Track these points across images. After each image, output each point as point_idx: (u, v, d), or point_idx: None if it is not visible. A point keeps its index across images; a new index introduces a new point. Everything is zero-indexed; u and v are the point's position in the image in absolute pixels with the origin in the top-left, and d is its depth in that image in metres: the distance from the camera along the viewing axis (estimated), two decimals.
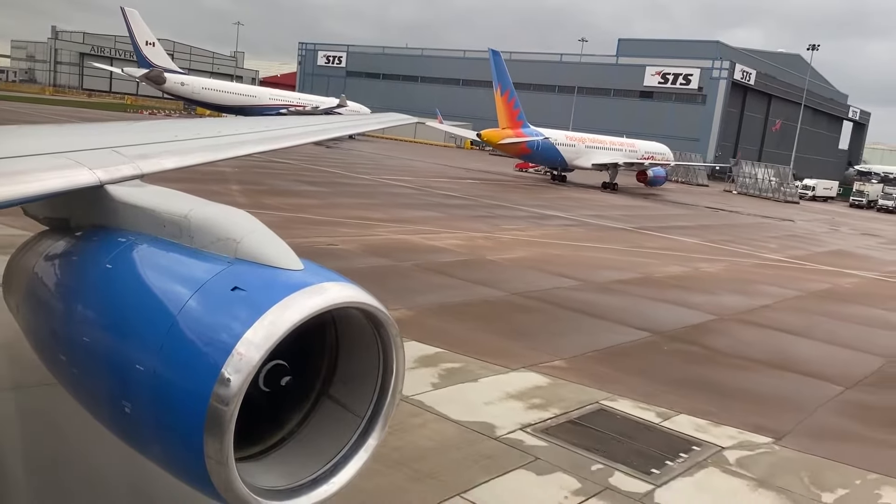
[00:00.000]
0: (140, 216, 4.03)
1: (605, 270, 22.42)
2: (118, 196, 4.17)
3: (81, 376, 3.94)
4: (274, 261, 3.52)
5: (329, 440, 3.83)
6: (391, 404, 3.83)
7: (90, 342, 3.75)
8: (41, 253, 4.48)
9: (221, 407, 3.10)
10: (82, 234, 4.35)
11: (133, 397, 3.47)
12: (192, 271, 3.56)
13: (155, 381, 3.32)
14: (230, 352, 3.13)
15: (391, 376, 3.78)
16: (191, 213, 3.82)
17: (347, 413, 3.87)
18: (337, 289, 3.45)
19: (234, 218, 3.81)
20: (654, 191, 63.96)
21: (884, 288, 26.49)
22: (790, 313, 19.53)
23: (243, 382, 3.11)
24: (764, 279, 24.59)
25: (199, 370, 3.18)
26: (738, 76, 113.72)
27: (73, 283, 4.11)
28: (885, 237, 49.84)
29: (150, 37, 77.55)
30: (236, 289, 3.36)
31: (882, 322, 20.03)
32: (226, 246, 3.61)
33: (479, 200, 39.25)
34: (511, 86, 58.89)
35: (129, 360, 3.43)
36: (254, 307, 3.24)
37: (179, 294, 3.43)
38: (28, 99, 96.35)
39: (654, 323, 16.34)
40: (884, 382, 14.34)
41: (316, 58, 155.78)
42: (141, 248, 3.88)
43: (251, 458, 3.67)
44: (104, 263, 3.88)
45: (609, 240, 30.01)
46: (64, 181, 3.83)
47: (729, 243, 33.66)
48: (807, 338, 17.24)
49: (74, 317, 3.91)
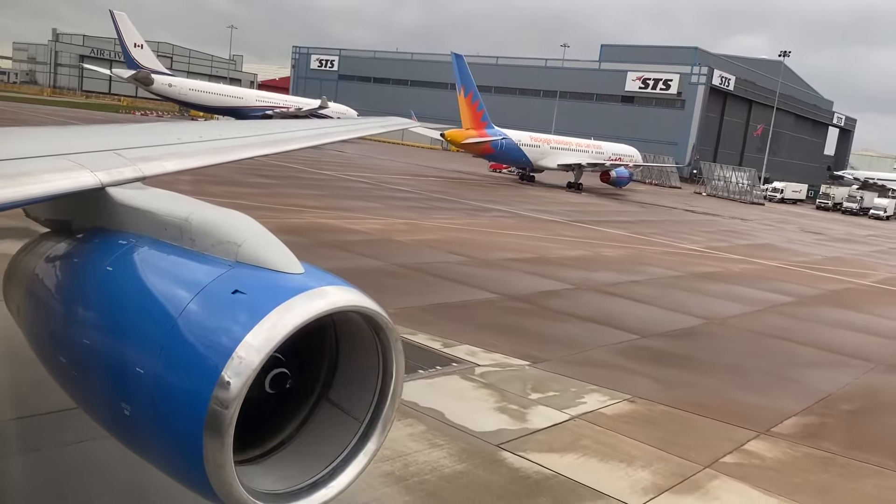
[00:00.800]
0: (141, 219, 4.03)
1: (502, 251, 23.68)
2: (119, 198, 4.17)
3: (81, 378, 3.94)
4: (274, 264, 3.52)
5: (328, 444, 3.83)
6: (391, 408, 3.83)
7: (90, 344, 3.75)
8: (42, 255, 4.48)
9: (221, 410, 3.10)
10: (83, 237, 4.35)
11: (133, 400, 3.46)
12: (192, 274, 3.57)
13: (155, 384, 3.32)
14: (230, 355, 3.14)
15: (391, 380, 3.78)
16: (192, 216, 3.83)
17: (347, 417, 3.88)
18: (337, 292, 3.45)
19: (235, 221, 3.82)
20: (620, 191, 65.62)
21: (770, 272, 27.68)
22: (652, 287, 21.01)
23: (243, 386, 3.11)
24: (656, 263, 25.94)
25: (199, 373, 3.19)
26: (717, 82, 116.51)
27: (73, 285, 4.11)
28: (826, 235, 51.19)
29: (139, 39, 79.64)
30: (237, 292, 3.36)
31: (726, 294, 21.68)
32: (227, 249, 3.62)
33: (428, 195, 40.32)
34: (475, 88, 60.51)
35: (130, 363, 3.44)
36: (254, 310, 3.25)
37: (180, 297, 3.44)
38: (25, 99, 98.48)
39: (508, 288, 17.82)
40: (683, 336, 15.73)
41: (309, 61, 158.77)
42: (142, 251, 3.88)
43: (250, 462, 3.68)
44: (105, 266, 3.88)
45: (532, 229, 30.98)
46: (65, 183, 3.84)
47: (655, 235, 34.74)
48: (645, 303, 18.68)
49: (75, 319, 3.92)
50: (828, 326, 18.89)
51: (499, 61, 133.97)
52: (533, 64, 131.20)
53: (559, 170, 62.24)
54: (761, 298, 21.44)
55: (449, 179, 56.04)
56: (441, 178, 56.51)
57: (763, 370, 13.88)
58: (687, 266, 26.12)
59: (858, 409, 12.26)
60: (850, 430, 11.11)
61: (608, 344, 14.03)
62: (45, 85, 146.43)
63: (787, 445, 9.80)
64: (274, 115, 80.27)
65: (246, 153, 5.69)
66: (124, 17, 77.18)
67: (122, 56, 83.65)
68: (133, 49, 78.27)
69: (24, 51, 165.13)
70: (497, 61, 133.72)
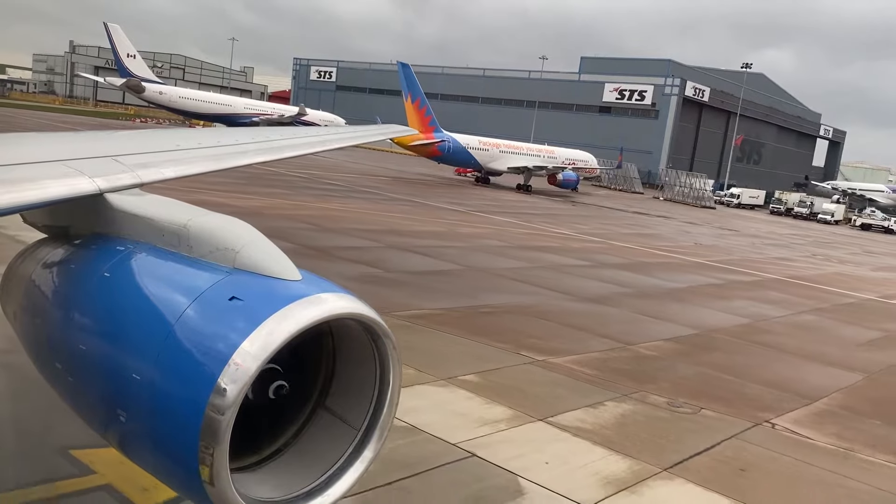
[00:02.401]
0: (139, 225, 4.03)
1: (357, 224, 26.55)
2: (117, 205, 4.18)
3: (77, 384, 3.92)
4: (272, 271, 3.53)
5: (325, 452, 3.82)
6: (388, 416, 3.82)
7: (87, 350, 3.74)
8: (39, 260, 4.47)
9: (217, 417, 3.09)
10: (81, 242, 4.34)
11: (128, 406, 3.46)
12: (190, 280, 3.56)
13: (151, 390, 3.31)
14: (227, 362, 3.13)
15: (388, 388, 3.78)
16: (190, 222, 3.83)
17: (343, 425, 3.87)
18: (334, 300, 3.46)
19: (233, 228, 3.83)
20: (570, 193, 68.68)
21: (608, 249, 31.01)
22: (460, 250, 24.28)
23: (239, 393, 3.10)
24: (499, 238, 29.30)
25: (196, 380, 3.18)
26: (690, 93, 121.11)
27: (70, 291, 4.10)
28: (739, 231, 55.27)
29: (132, 49, 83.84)
30: (234, 298, 3.36)
31: (523, 257, 25.05)
32: (224, 256, 3.62)
33: (358, 189, 42.85)
34: (422, 94, 64.45)
35: (126, 369, 3.43)
36: (251, 317, 3.25)
37: (177, 303, 3.43)
38: (33, 107, 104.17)
39: (316, 243, 20.30)
40: (433, 274, 19.22)
41: (309, 73, 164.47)
42: (139, 257, 3.88)
43: (246, 469, 3.66)
44: (102, 272, 3.88)
45: (418, 213, 34.11)
46: (63, 189, 3.83)
47: (545, 224, 38.14)
48: (430, 257, 22.05)
49: (71, 325, 3.90)
50: (575, 276, 22.71)
51: (486, 73, 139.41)
52: (517, 76, 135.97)
53: (510, 173, 65.49)
54: (551, 261, 24.94)
55: (401, 179, 58.41)
56: (396, 178, 58.79)
57: (465, 293, 17.91)
58: (527, 241, 29.43)
59: (497, 310, 16.40)
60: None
61: (356, 276, 17.11)
62: (62, 95, 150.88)
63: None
64: (260, 122, 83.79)
65: (244, 160, 5.69)
66: (118, 28, 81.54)
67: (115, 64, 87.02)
68: (126, 59, 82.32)
69: (44, 62, 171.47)
70: (484, 73, 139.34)
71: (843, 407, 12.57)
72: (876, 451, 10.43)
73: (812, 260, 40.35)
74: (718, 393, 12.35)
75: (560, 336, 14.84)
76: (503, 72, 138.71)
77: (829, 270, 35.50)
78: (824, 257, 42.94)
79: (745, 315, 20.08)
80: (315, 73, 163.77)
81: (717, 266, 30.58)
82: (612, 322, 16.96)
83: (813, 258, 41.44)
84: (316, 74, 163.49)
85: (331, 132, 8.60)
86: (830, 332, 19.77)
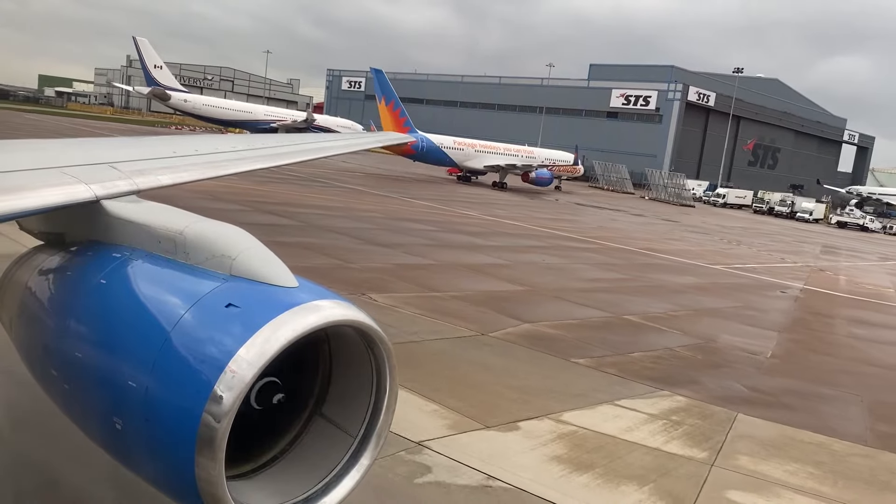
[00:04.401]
0: (135, 232, 4.03)
1: (301, 207, 29.95)
2: (114, 211, 4.17)
3: (73, 392, 3.91)
4: (269, 278, 3.52)
5: (321, 459, 3.81)
6: (384, 424, 3.81)
7: (83, 357, 3.73)
8: (35, 267, 4.46)
9: (213, 424, 3.08)
10: (77, 249, 4.34)
11: (124, 413, 3.44)
12: (186, 288, 3.55)
13: (147, 398, 3.30)
14: (223, 369, 3.12)
15: (384, 395, 3.77)
16: (186, 229, 3.82)
17: (340, 432, 3.86)
18: (331, 307, 3.45)
19: (229, 235, 3.82)
20: (542, 190, 71.13)
21: (493, 225, 34.46)
22: (348, 219, 28.35)
23: (235, 400, 3.09)
24: (382, 212, 33.19)
25: (192, 387, 3.17)
26: (694, 98, 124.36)
27: (66, 298, 4.09)
28: (679, 222, 56.77)
29: (158, 61, 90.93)
30: (230, 305, 3.35)
31: (378, 221, 28.77)
32: (221, 263, 3.61)
33: (336, 184, 45.94)
34: (396, 97, 68.51)
35: (122, 376, 3.41)
36: (247, 324, 3.24)
37: (173, 310, 3.42)
38: (83, 116, 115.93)
39: (252, 223, 21.59)
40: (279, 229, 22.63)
41: (341, 83, 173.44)
42: (136, 264, 3.87)
43: (242, 477, 3.65)
44: (98, 279, 3.87)
45: (368, 201, 37.47)
46: (60, 196, 3.83)
47: (462, 208, 40.86)
48: (287, 217, 25.87)
49: (67, 332, 3.89)
50: (392, 232, 26.15)
51: (501, 81, 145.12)
52: (530, 83, 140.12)
53: (488, 171, 69.20)
54: (400, 226, 28.30)
55: (385, 177, 61.69)
56: (382, 175, 62.40)
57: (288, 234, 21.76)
58: (407, 216, 33.14)
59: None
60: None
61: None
62: (119, 106, 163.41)
63: None
64: (280, 128, 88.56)
65: (242, 167, 5.71)
66: (146, 42, 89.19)
67: (187, 80, 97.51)
68: (153, 70, 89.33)
69: (104, 75, 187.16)
70: (500, 81, 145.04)
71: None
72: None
73: (698, 241, 42.11)
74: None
75: (314, 258, 18.79)
76: (517, 79, 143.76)
77: (678, 247, 36.49)
78: (728, 241, 44.47)
79: (500, 257, 23.66)
80: (346, 84, 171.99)
81: (561, 236, 33.70)
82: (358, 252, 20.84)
83: (721, 242, 43.16)
84: (347, 84, 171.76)
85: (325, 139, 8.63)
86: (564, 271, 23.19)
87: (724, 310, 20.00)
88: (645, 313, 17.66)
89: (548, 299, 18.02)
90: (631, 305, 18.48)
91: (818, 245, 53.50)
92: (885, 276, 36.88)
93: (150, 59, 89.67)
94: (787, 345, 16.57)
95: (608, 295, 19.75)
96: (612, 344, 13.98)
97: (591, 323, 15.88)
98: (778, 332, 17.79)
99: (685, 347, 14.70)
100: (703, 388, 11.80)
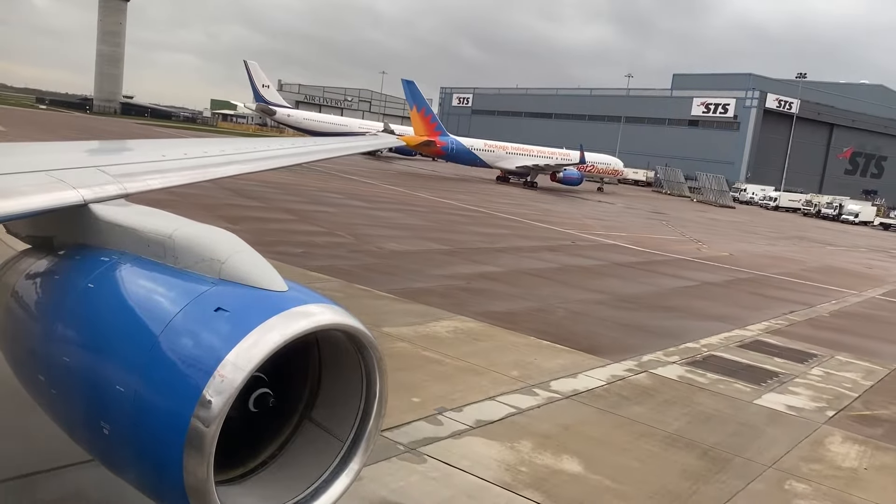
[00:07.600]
0: (124, 235, 4.00)
1: (282, 192, 33.43)
2: (102, 215, 4.14)
3: (60, 397, 3.88)
4: (258, 282, 3.50)
5: (311, 464, 3.80)
6: (374, 429, 3.80)
7: (70, 362, 3.70)
8: (22, 271, 4.42)
9: (202, 429, 3.06)
10: (65, 253, 4.31)
11: (112, 418, 3.42)
12: (175, 291, 3.53)
13: (135, 403, 3.28)
14: (212, 373, 3.10)
15: (374, 400, 3.76)
16: (175, 232, 3.80)
17: (329, 437, 3.85)
18: (321, 311, 3.44)
19: (219, 238, 3.80)
20: (574, 189, 74.83)
21: (475, 214, 37.10)
22: (332, 202, 32.98)
23: (224, 404, 3.08)
24: (387, 199, 38.13)
25: (180, 391, 3.15)
26: (774, 105, 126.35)
27: (54, 302, 4.06)
28: (697, 223, 56.29)
29: (266, 80, 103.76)
30: (220, 309, 3.33)
31: (357, 206, 32.94)
32: (210, 266, 3.59)
33: (381, 179, 53.37)
34: (426, 104, 75.57)
35: (110, 381, 3.39)
36: (237, 328, 3.22)
37: (162, 314, 3.40)
38: (221, 132, 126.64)
39: (227, 215, 23.72)
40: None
41: (451, 100, 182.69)
42: (124, 268, 3.84)
43: (231, 482, 3.63)
44: (86, 283, 3.84)
45: (362, 189, 42.24)
46: (48, 200, 3.81)
47: (471, 203, 43.13)
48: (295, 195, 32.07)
49: (55, 336, 3.86)
50: (368, 223, 27.56)
51: (592, 93, 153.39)
52: (616, 94, 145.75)
53: (520, 171, 73.52)
54: (386, 215, 31.08)
55: (412, 175, 67.51)
56: (422, 176, 68.55)
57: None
58: (402, 199, 38.39)
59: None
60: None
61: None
62: (268, 126, 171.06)
63: None
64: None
65: (230, 170, 5.70)
66: (256, 65, 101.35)
67: (330, 101, 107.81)
68: (261, 88, 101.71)
69: None
70: (591, 93, 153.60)
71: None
72: None
73: (686, 232, 42.98)
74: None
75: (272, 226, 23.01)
76: (607, 90, 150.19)
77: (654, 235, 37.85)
78: (672, 227, 46.07)
79: (447, 240, 25.58)
80: (456, 100, 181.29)
81: (531, 224, 35.43)
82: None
83: (658, 227, 44.89)
84: (456, 101, 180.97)
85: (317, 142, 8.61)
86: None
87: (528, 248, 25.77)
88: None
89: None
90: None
91: (794, 234, 55.07)
92: (742, 245, 39.22)
93: (259, 79, 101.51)
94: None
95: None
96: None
97: None
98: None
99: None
100: None
